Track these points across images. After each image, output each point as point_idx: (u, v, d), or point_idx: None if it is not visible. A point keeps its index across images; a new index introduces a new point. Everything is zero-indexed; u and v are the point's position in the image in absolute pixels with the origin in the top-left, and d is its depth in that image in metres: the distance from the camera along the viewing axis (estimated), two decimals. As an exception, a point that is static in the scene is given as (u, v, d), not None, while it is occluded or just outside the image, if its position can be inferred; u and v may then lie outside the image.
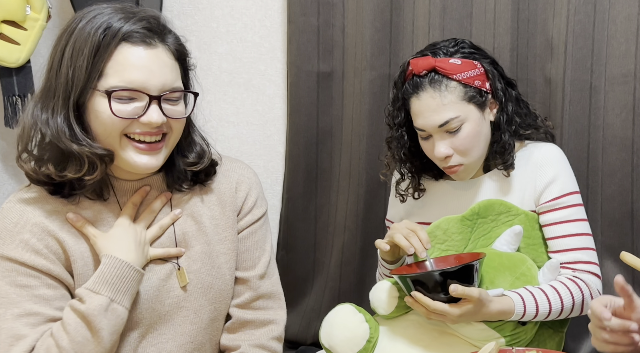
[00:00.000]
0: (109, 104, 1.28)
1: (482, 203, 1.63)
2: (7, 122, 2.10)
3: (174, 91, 1.33)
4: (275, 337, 1.50)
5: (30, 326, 1.29)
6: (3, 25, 1.97)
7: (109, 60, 1.29)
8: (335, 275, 2.19)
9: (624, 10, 1.81)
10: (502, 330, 1.49)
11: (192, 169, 1.43)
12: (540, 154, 1.64)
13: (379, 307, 1.57)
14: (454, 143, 1.57)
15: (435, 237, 1.64)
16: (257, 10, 2.24)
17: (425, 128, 1.58)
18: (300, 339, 2.21)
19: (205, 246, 1.45)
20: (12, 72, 2.07)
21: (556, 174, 1.61)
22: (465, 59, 1.59)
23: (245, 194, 1.49)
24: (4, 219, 1.34)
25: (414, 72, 1.58)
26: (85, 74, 1.28)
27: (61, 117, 1.30)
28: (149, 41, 1.31)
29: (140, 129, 1.31)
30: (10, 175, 2.29)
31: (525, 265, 1.56)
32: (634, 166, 1.84)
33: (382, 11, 2.04)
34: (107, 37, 1.28)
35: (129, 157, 1.33)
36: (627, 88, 1.83)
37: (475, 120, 1.58)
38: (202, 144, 1.46)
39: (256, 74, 2.27)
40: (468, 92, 1.57)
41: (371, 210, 2.12)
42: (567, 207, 1.60)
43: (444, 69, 1.56)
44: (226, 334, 1.50)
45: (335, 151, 2.19)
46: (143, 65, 1.29)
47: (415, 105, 1.59)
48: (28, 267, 1.31)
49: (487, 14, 1.94)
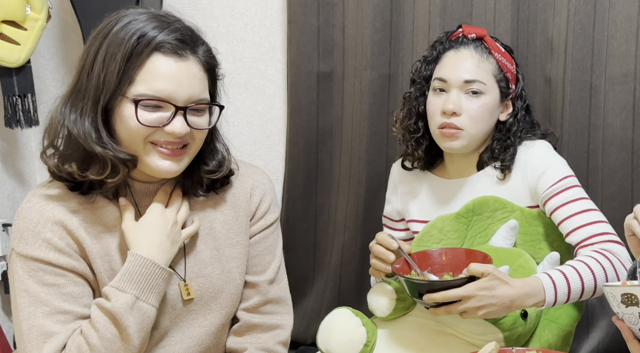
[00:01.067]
0: (135, 111, 1.29)
1: (477, 200, 1.63)
2: (7, 122, 2.10)
3: (200, 103, 1.34)
4: (281, 341, 1.50)
5: (60, 324, 1.30)
6: (3, 25, 1.97)
7: (141, 68, 1.29)
8: (335, 275, 2.19)
9: (624, 10, 1.81)
10: (501, 325, 1.48)
11: (210, 177, 1.43)
12: (527, 152, 1.64)
13: (377, 310, 1.58)
14: (467, 105, 1.59)
15: (432, 237, 1.64)
16: (257, 10, 2.24)
17: (449, 78, 1.61)
18: (300, 339, 2.21)
19: (215, 251, 1.45)
20: (12, 72, 2.07)
21: (545, 165, 1.61)
22: (507, 52, 1.69)
23: (260, 199, 1.50)
24: (24, 219, 1.35)
25: (464, 33, 1.65)
26: (116, 80, 1.29)
27: (89, 119, 1.31)
28: (181, 53, 1.31)
29: (163, 138, 1.32)
30: (10, 175, 2.29)
31: (522, 258, 1.56)
32: (634, 166, 1.84)
33: (382, 11, 2.04)
34: (140, 45, 1.29)
35: (152, 162, 1.33)
36: (627, 88, 1.83)
37: (494, 99, 1.63)
38: (223, 152, 1.46)
39: (256, 74, 2.27)
40: (500, 74, 1.64)
41: (371, 210, 2.12)
42: (565, 189, 1.58)
43: (490, 44, 1.64)
44: (233, 337, 1.51)
45: (335, 151, 2.19)
46: (172, 77, 1.30)
47: (451, 58, 1.64)
48: (54, 266, 1.32)
49: (487, 14, 1.94)
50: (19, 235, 1.34)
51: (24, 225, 1.34)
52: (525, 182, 1.62)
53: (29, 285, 1.31)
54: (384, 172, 2.03)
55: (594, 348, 1.92)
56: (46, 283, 1.32)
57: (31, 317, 1.30)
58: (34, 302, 1.31)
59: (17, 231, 1.34)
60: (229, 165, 1.46)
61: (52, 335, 1.29)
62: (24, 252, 1.32)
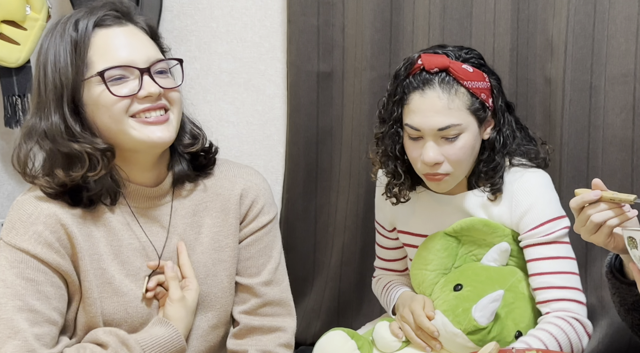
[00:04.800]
0: (105, 85, 1.30)
1: (464, 223, 1.57)
2: (7, 122, 2.10)
3: (160, 61, 1.36)
4: (282, 343, 1.48)
5: (28, 322, 1.30)
6: (3, 25, 1.97)
7: (90, 48, 1.32)
8: (335, 275, 2.19)
9: (624, 10, 1.81)
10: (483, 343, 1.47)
11: (189, 151, 1.43)
12: (515, 183, 1.56)
13: (380, 344, 1.58)
14: (447, 151, 1.49)
15: (423, 259, 1.61)
16: (257, 10, 2.23)
17: (421, 128, 1.49)
18: (300, 339, 2.21)
19: (201, 255, 1.45)
20: (12, 72, 2.07)
21: (530, 203, 1.53)
22: (476, 68, 1.53)
23: (251, 202, 1.48)
24: (19, 210, 1.35)
25: (425, 67, 1.49)
26: (72, 70, 1.30)
27: (57, 116, 1.31)
28: (120, 21, 1.35)
29: (142, 105, 1.32)
30: (10, 175, 2.29)
31: (515, 277, 1.55)
32: (634, 166, 1.84)
33: (382, 11, 2.04)
34: (80, 31, 1.32)
35: (142, 134, 1.33)
36: (627, 88, 1.83)
37: (473, 133, 1.52)
38: (192, 125, 1.46)
39: (256, 74, 2.27)
40: (474, 103, 1.50)
41: (371, 210, 2.11)
42: (544, 243, 1.52)
43: (456, 73, 1.49)
44: (233, 340, 1.50)
45: (335, 151, 2.19)
46: (122, 42, 1.33)
47: (417, 102, 1.50)
48: (38, 260, 1.32)
49: (487, 14, 1.94)
50: (10, 225, 1.34)
51: (18, 216, 1.34)
52: (509, 215, 1.56)
53: (7, 276, 1.31)
54: (384, 172, 2.03)
55: (594, 348, 1.92)
56: (26, 277, 1.31)
57: (1, 308, 1.30)
58: (8, 293, 1.30)
59: (10, 221, 1.34)
60: (204, 138, 1.46)
61: (17, 332, 1.29)
62: (12, 242, 1.32)
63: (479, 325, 1.45)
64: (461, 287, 1.52)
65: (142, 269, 1.41)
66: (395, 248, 1.81)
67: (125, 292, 1.38)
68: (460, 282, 1.53)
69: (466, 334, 1.47)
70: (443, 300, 1.53)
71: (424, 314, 1.51)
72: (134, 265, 1.40)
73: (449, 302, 1.51)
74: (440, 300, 1.53)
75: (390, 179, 1.64)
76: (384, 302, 1.77)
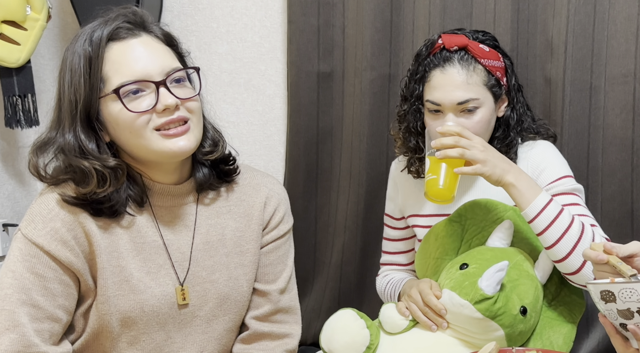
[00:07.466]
0: (121, 102, 1.30)
1: (467, 204, 1.64)
2: (7, 122, 2.10)
3: (176, 71, 1.34)
4: (288, 350, 1.51)
5: (29, 317, 1.31)
6: (3, 25, 1.97)
7: (104, 64, 1.31)
8: (335, 275, 2.19)
9: (624, 10, 1.81)
10: (501, 321, 1.48)
11: (209, 158, 1.43)
12: (529, 152, 1.66)
13: (387, 325, 1.58)
14: (465, 125, 1.57)
15: (431, 244, 1.64)
16: (257, 10, 2.24)
17: (442, 102, 1.58)
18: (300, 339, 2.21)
19: (224, 257, 1.45)
20: (12, 72, 2.07)
21: (546, 163, 1.63)
22: (492, 48, 1.64)
23: (274, 209, 1.51)
24: (41, 204, 1.36)
25: (445, 46, 1.60)
26: (87, 87, 1.30)
27: (70, 133, 1.32)
28: (133, 32, 1.33)
29: (162, 119, 1.32)
30: (10, 175, 2.29)
31: (519, 257, 1.56)
32: (634, 166, 1.85)
33: (382, 11, 2.04)
34: (93, 46, 1.31)
35: (165, 147, 1.33)
36: (627, 88, 1.83)
37: (489, 108, 1.61)
38: (213, 131, 1.47)
39: (256, 74, 2.27)
40: (490, 80, 1.61)
41: (371, 210, 2.12)
42: (562, 193, 1.59)
43: (474, 51, 1.59)
44: (240, 344, 1.51)
45: (335, 151, 2.19)
46: (138, 55, 1.32)
47: (438, 78, 1.60)
48: (50, 257, 1.33)
49: (487, 14, 1.94)
50: (30, 218, 1.35)
51: (39, 210, 1.35)
52: None
53: (18, 268, 1.32)
54: (384, 172, 2.03)
55: (593, 348, 1.92)
56: (35, 272, 1.32)
57: (6, 298, 1.31)
58: (15, 285, 1.31)
59: (31, 214, 1.35)
60: (225, 145, 1.47)
61: (16, 326, 1.30)
62: (29, 235, 1.33)
63: (485, 294, 1.45)
64: (467, 265, 1.54)
65: (164, 267, 1.41)
66: (403, 239, 1.85)
67: (142, 289, 1.38)
68: (465, 262, 1.55)
69: (473, 304, 1.47)
70: (449, 279, 1.54)
71: (431, 293, 1.53)
72: (155, 263, 1.40)
73: (455, 279, 1.52)
74: (447, 279, 1.55)
75: (412, 154, 1.73)
76: (389, 294, 1.80)
